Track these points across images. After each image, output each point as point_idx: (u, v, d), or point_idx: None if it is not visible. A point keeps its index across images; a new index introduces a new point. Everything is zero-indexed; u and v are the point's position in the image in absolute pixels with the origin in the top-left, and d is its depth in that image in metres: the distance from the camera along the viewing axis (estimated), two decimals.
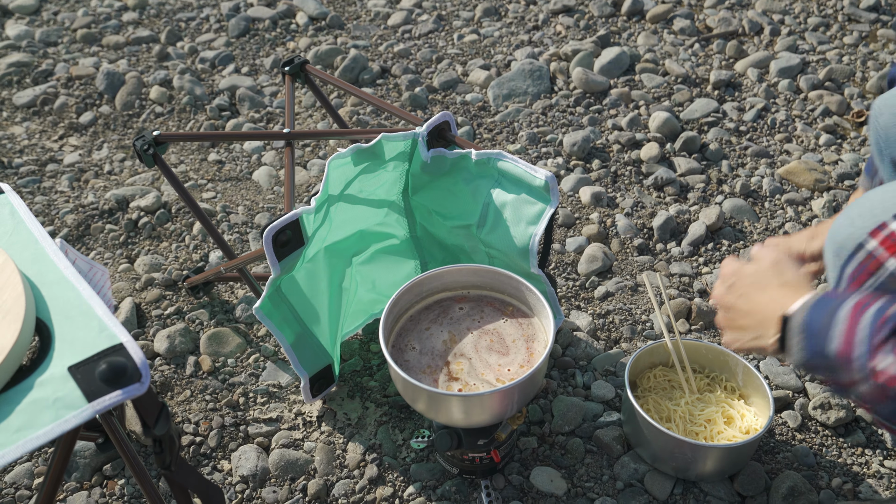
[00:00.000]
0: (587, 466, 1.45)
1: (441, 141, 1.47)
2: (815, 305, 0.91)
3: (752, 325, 1.03)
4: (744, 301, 1.05)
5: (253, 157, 2.30)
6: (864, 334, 0.83)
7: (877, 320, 0.82)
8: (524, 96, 2.46)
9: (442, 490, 1.41)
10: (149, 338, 1.73)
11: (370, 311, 1.69)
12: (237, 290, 1.84)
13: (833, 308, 0.88)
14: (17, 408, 0.79)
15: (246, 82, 2.58)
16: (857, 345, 0.83)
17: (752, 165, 2.19)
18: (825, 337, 0.87)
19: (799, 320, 0.91)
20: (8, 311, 0.86)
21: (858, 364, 0.83)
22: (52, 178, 2.22)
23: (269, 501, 1.42)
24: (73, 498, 1.43)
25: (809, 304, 0.92)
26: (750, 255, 1.14)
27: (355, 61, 2.60)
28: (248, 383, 1.63)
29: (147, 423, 0.90)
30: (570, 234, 1.97)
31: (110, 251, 1.97)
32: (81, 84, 2.57)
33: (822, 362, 0.89)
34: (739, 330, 1.07)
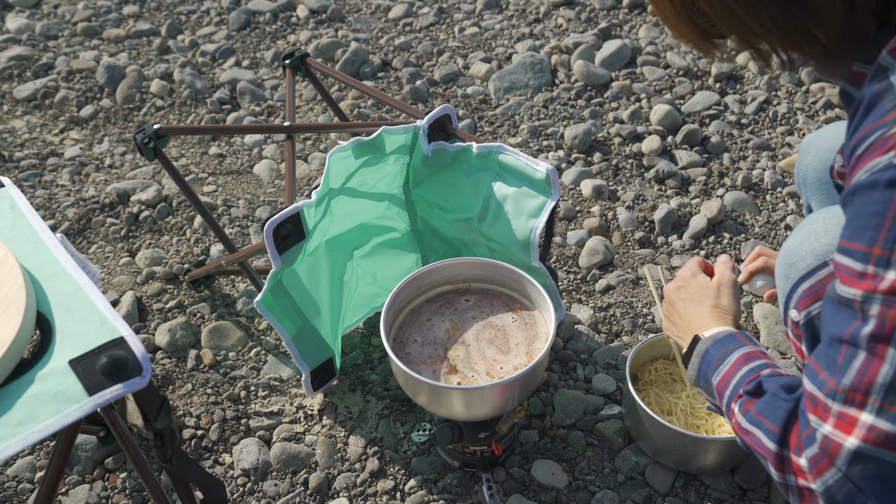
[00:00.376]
0: (588, 459, 1.45)
1: (442, 134, 1.47)
2: (718, 341, 1.06)
3: (680, 327, 1.22)
4: (682, 305, 1.22)
5: (254, 150, 2.29)
6: (734, 383, 0.99)
7: (747, 377, 0.97)
8: (525, 89, 2.46)
9: (443, 483, 1.41)
10: (150, 331, 1.73)
11: (371, 305, 1.69)
12: (238, 284, 1.84)
13: (728, 349, 1.04)
14: (18, 401, 0.79)
15: (247, 75, 2.57)
16: (728, 387, 0.99)
17: (753, 158, 2.18)
18: (713, 371, 1.04)
19: (702, 348, 1.08)
20: (9, 304, 0.86)
21: (725, 401, 1.00)
22: (52, 172, 2.22)
23: (270, 495, 1.42)
24: (74, 491, 1.43)
25: (716, 337, 1.08)
26: (717, 260, 1.28)
27: (356, 54, 2.60)
28: (250, 377, 1.63)
29: (148, 417, 0.90)
30: (572, 227, 1.97)
31: (111, 245, 1.97)
32: (82, 77, 2.57)
33: (705, 387, 1.07)
34: (672, 325, 1.26)
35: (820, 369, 0.80)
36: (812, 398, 0.80)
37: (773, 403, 0.87)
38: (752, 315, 1.73)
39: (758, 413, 0.89)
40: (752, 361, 0.99)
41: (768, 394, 0.89)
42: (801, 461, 0.81)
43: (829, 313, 0.80)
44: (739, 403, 0.95)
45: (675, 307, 1.24)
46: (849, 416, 0.75)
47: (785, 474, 0.84)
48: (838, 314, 0.78)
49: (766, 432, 0.86)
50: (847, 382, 0.75)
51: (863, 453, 0.75)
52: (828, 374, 0.78)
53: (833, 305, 0.80)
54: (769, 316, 1.70)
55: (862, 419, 0.75)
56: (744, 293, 1.78)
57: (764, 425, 0.87)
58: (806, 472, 0.81)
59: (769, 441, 0.85)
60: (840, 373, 0.76)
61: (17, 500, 1.42)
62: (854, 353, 0.75)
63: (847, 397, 0.76)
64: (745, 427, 0.91)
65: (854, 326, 0.75)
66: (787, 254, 1.04)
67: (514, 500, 1.37)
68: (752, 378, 0.95)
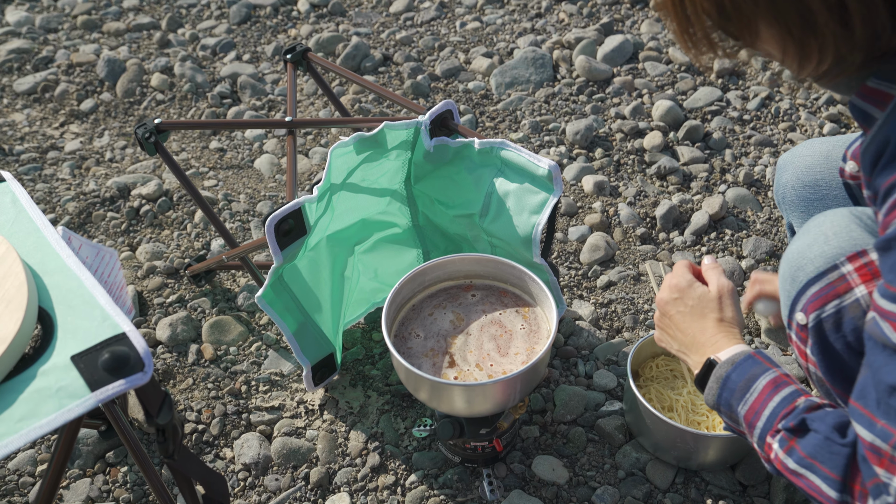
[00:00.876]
0: (589, 455, 1.45)
1: (444, 129, 1.47)
2: (739, 366, 1.02)
3: (682, 342, 1.17)
4: (681, 319, 1.18)
5: (254, 145, 2.29)
6: (767, 414, 0.95)
7: (781, 408, 0.94)
8: (527, 84, 2.45)
9: (444, 478, 1.42)
10: (151, 326, 1.73)
11: (372, 300, 1.69)
12: (239, 279, 1.84)
13: (752, 375, 1.00)
14: (20, 397, 0.79)
15: (247, 70, 2.57)
16: (760, 418, 0.96)
17: (755, 154, 2.18)
18: (739, 399, 1.00)
19: (721, 373, 1.04)
20: (10, 300, 0.86)
21: (758, 433, 0.97)
22: (53, 166, 2.21)
23: (271, 489, 1.42)
24: (76, 485, 1.43)
25: (735, 360, 1.03)
26: (703, 261, 1.24)
27: (357, 49, 2.59)
28: (250, 371, 1.63)
29: (150, 413, 0.90)
30: (573, 223, 1.97)
31: (112, 239, 1.97)
32: (82, 71, 2.56)
33: (728, 413, 1.03)
34: (669, 338, 1.21)
35: (877, 419, 0.78)
36: (875, 450, 0.79)
37: (830, 448, 0.85)
38: (752, 312, 1.72)
39: (810, 456, 0.87)
40: (781, 389, 0.96)
41: (821, 436, 0.87)
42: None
43: (881, 360, 0.78)
44: (780, 440, 0.92)
45: (674, 321, 1.19)
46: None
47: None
48: (893, 362, 0.76)
49: (825, 479, 0.85)
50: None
51: None
52: (890, 425, 0.77)
53: (884, 352, 0.78)
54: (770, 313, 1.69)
55: None
56: (744, 289, 1.78)
57: (821, 471, 0.85)
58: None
59: (829, 489, 0.84)
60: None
61: (18, 494, 1.42)
62: None
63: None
64: (793, 469, 0.89)
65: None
66: (794, 256, 1.03)
67: (514, 496, 1.37)
68: (788, 410, 0.93)
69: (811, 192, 1.33)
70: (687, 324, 1.16)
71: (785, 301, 1.05)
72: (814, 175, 1.33)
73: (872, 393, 0.79)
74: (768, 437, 0.94)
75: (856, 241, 0.98)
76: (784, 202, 1.39)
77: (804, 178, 1.33)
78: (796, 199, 1.35)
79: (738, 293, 1.23)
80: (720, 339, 1.10)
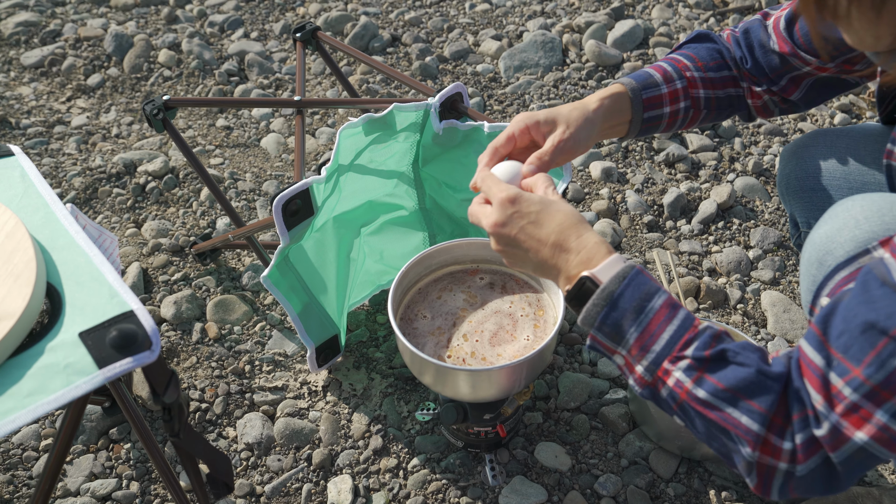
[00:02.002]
0: (592, 443, 1.45)
1: (453, 112, 1.46)
2: (631, 282, 0.89)
3: (538, 259, 0.98)
4: (529, 233, 0.97)
5: (261, 123, 2.28)
6: (667, 338, 0.86)
7: (682, 333, 0.86)
8: (536, 68, 2.44)
9: (446, 463, 1.42)
10: (155, 303, 1.73)
11: (377, 283, 1.68)
12: (244, 258, 1.83)
13: (647, 293, 0.89)
14: (27, 372, 0.79)
15: (255, 47, 2.55)
16: (658, 341, 0.87)
17: (765, 144, 2.16)
18: (632, 320, 0.88)
19: (612, 290, 0.89)
20: (19, 274, 0.85)
21: (652, 357, 0.87)
22: (59, 140, 2.20)
23: (273, 469, 1.43)
24: (79, 461, 1.43)
25: (625, 275, 0.90)
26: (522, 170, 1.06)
27: (365, 28, 2.57)
28: (254, 351, 1.63)
29: (156, 391, 0.90)
30: (580, 209, 1.96)
31: (117, 215, 1.96)
32: (90, 45, 2.55)
33: (610, 333, 0.90)
34: (521, 261, 1.01)
35: (835, 351, 0.76)
36: (824, 380, 0.77)
37: (761, 383, 0.82)
38: (759, 302, 1.72)
39: (732, 389, 0.83)
40: (677, 311, 0.88)
41: (751, 370, 0.83)
42: (784, 444, 0.80)
43: (873, 295, 0.75)
44: (686, 369, 0.85)
45: (519, 239, 0.97)
46: (864, 410, 0.74)
47: (754, 452, 0.82)
48: (889, 302, 0.73)
49: (749, 412, 0.82)
50: (879, 378, 0.73)
51: (866, 448, 0.76)
52: (851, 363, 0.75)
53: (883, 290, 0.74)
54: (777, 304, 1.69)
55: (877, 416, 0.74)
56: (751, 279, 1.78)
57: (745, 405, 0.82)
58: (784, 454, 0.80)
59: (753, 422, 0.81)
60: (871, 366, 0.73)
61: (22, 468, 1.43)
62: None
63: (871, 392, 0.74)
64: (703, 399, 0.84)
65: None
66: (822, 240, 1.01)
67: (516, 482, 1.37)
68: (691, 335, 0.86)
69: (814, 181, 1.33)
70: (539, 235, 0.96)
71: (809, 286, 1.03)
72: (816, 164, 1.32)
73: (839, 324, 0.77)
74: (666, 363, 0.86)
75: (888, 225, 0.96)
76: (787, 192, 1.39)
77: (807, 167, 1.33)
78: (799, 190, 1.35)
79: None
80: (588, 246, 0.93)
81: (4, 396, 0.77)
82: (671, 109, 1.22)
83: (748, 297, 1.73)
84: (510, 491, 1.36)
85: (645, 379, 0.89)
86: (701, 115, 1.26)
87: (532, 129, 1.10)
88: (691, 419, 0.87)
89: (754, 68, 1.23)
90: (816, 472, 0.80)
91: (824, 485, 0.81)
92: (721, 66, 1.25)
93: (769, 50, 1.20)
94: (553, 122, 1.10)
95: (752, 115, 1.31)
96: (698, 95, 1.24)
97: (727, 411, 0.83)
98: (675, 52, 1.29)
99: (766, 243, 1.86)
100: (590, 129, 1.12)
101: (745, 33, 1.24)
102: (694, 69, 1.24)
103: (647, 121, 1.21)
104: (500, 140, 1.10)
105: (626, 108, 1.19)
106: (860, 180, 1.27)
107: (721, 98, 1.26)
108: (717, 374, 0.84)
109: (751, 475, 0.84)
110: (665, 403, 0.89)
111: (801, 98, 1.25)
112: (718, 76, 1.25)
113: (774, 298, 1.70)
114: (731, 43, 1.26)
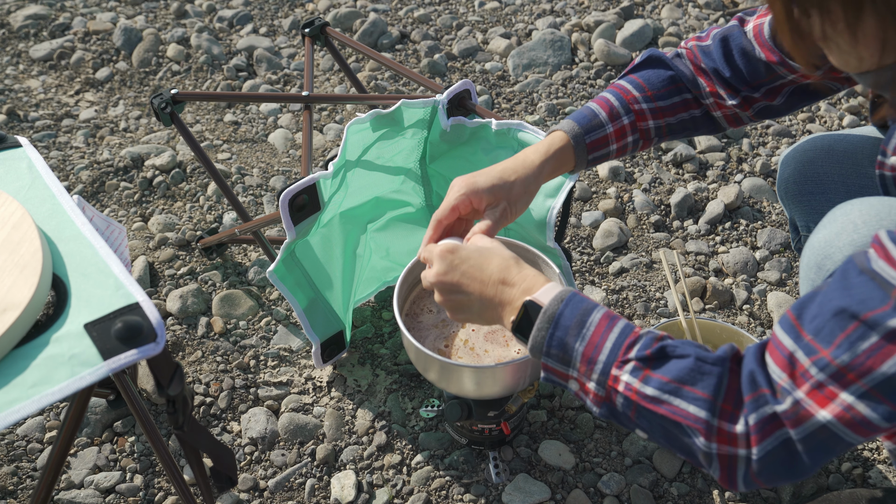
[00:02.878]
0: (596, 442, 1.45)
1: (461, 109, 1.45)
2: (570, 302, 0.93)
3: (482, 301, 1.00)
4: (470, 278, 1.01)
5: (269, 119, 2.28)
6: (610, 346, 0.89)
7: (623, 339, 0.89)
8: (544, 67, 2.43)
9: (450, 459, 1.42)
10: (161, 297, 1.73)
11: (383, 279, 1.68)
12: (250, 253, 1.84)
13: (586, 309, 0.92)
14: (32, 363, 0.79)
15: (264, 43, 2.55)
16: (602, 351, 0.89)
17: (773, 145, 2.16)
18: (575, 336, 0.91)
19: (552, 311, 0.93)
20: (25, 265, 0.86)
21: (600, 367, 0.89)
22: (67, 134, 2.21)
23: (277, 464, 1.43)
24: (83, 453, 1.44)
25: (563, 297, 0.93)
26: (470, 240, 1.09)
27: (374, 25, 2.57)
28: (260, 346, 1.63)
29: (161, 384, 0.90)
30: (587, 208, 1.96)
31: (124, 209, 1.97)
32: (98, 39, 2.55)
33: (559, 354, 0.93)
34: (466, 308, 1.03)
35: (806, 334, 0.77)
36: (791, 359, 0.78)
37: (700, 370, 0.84)
38: (765, 303, 1.71)
39: (675, 380, 0.84)
40: (616, 321, 0.91)
41: (690, 360, 0.84)
42: (736, 427, 0.81)
43: (850, 282, 0.76)
44: (632, 370, 0.87)
45: (461, 285, 1.01)
46: (829, 389, 0.75)
47: (709, 443, 0.82)
48: (864, 289, 0.74)
49: (694, 400, 0.83)
50: (846, 360, 0.74)
51: (829, 428, 0.76)
52: (820, 344, 0.76)
53: (860, 277, 0.75)
54: (783, 305, 1.68)
55: (841, 397, 0.75)
56: (758, 280, 1.77)
57: (689, 393, 0.83)
58: (740, 439, 0.80)
59: (699, 409, 0.82)
60: (839, 347, 0.74)
61: (26, 460, 1.43)
62: (865, 335, 0.73)
63: (838, 372, 0.74)
64: (652, 395, 0.85)
65: (881, 311, 0.72)
66: (821, 245, 1.02)
67: (520, 479, 1.37)
68: (632, 339, 0.88)
69: (813, 185, 1.33)
70: (482, 276, 1.00)
71: (808, 290, 1.03)
72: (815, 169, 1.33)
73: (813, 308, 0.78)
74: (613, 370, 0.88)
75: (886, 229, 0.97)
76: (786, 196, 1.39)
77: (806, 172, 1.33)
78: (798, 193, 1.35)
79: None
80: (526, 278, 0.98)
81: (9, 387, 0.77)
82: (618, 146, 1.21)
83: (754, 298, 1.73)
84: (513, 488, 1.36)
85: (599, 395, 0.90)
86: (652, 143, 1.26)
87: (474, 201, 1.11)
88: (648, 421, 0.88)
89: (734, 77, 1.19)
90: (775, 455, 0.80)
91: (787, 469, 0.81)
92: (672, 91, 1.22)
93: (753, 58, 1.17)
94: (496, 197, 1.11)
95: (721, 127, 1.28)
96: (647, 127, 1.22)
97: (674, 403, 0.84)
98: (624, 77, 1.26)
99: (772, 244, 1.85)
100: (530, 196, 1.15)
101: (723, 40, 1.20)
102: (643, 100, 1.21)
103: (594, 160, 1.21)
104: (443, 212, 1.11)
105: (569, 157, 1.19)
106: (859, 184, 1.27)
107: (673, 124, 1.24)
108: (661, 370, 0.86)
109: (712, 466, 0.84)
110: (624, 416, 0.90)
111: (783, 104, 1.22)
112: (669, 104, 1.22)
113: (781, 299, 1.70)
114: (693, 58, 1.23)
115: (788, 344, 0.79)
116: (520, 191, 1.12)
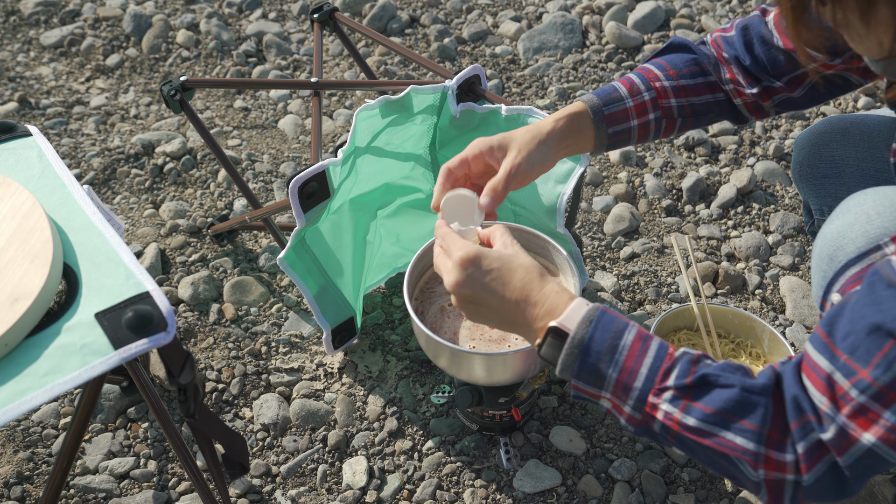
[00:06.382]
0: (607, 427, 1.45)
1: (471, 95, 1.45)
2: (598, 324, 0.89)
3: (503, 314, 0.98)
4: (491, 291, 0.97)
5: (279, 105, 2.28)
6: (646, 372, 0.86)
7: (659, 364, 0.86)
8: (555, 50, 2.41)
9: (461, 445, 1.42)
10: (173, 284, 1.74)
11: (393, 265, 1.68)
12: (261, 239, 1.84)
13: (617, 331, 0.88)
14: (44, 352, 0.79)
15: (273, 28, 2.55)
16: (638, 377, 0.86)
17: (786, 128, 2.14)
18: (608, 362, 0.88)
19: (581, 337, 0.89)
20: (36, 255, 0.86)
21: (636, 394, 0.87)
22: (78, 121, 2.21)
23: (289, 450, 1.44)
24: (97, 439, 1.45)
25: (590, 318, 0.90)
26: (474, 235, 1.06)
27: (384, 9, 2.56)
28: (271, 333, 1.64)
29: (172, 372, 0.90)
30: (598, 192, 1.95)
31: (136, 196, 1.97)
32: (108, 25, 2.55)
33: (591, 380, 0.90)
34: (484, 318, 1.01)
35: (841, 354, 0.76)
36: (829, 382, 0.77)
37: (748, 401, 0.82)
38: (778, 288, 1.70)
39: (720, 412, 0.82)
40: (649, 342, 0.88)
41: (735, 390, 0.82)
42: (786, 456, 0.79)
43: (879, 296, 0.74)
44: (671, 399, 0.85)
45: (481, 297, 0.97)
46: (871, 411, 0.74)
47: (756, 471, 0.81)
48: (894, 303, 0.72)
49: (742, 432, 0.81)
50: (887, 380, 0.72)
51: (874, 451, 0.75)
52: (858, 364, 0.74)
53: (889, 291, 0.73)
54: (796, 290, 1.67)
55: (885, 418, 0.73)
56: (770, 265, 1.76)
57: (737, 425, 0.81)
58: (789, 466, 0.79)
59: (747, 441, 0.81)
60: (878, 367, 0.72)
61: (42, 445, 1.45)
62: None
63: (879, 393, 0.73)
64: (696, 427, 0.83)
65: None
66: (833, 236, 1.00)
67: (531, 465, 1.38)
68: (668, 365, 0.86)
69: (828, 168, 1.31)
70: (503, 293, 0.96)
71: (820, 281, 1.02)
72: (831, 152, 1.31)
73: (845, 326, 0.76)
74: (651, 397, 0.85)
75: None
76: (801, 179, 1.38)
77: (821, 155, 1.32)
78: (812, 177, 1.34)
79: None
80: (550, 297, 0.94)
81: (22, 376, 0.77)
82: (639, 122, 1.19)
83: (767, 283, 1.72)
84: (524, 474, 1.36)
85: (635, 418, 0.88)
86: (677, 124, 1.23)
87: (486, 154, 1.10)
88: (690, 449, 0.86)
89: (754, 65, 1.17)
90: (824, 480, 0.79)
91: (835, 491, 0.80)
92: (696, 73, 1.21)
93: (773, 46, 1.16)
94: (505, 148, 1.10)
95: (744, 117, 1.25)
96: (669, 105, 1.20)
97: (721, 435, 0.82)
98: (648, 62, 1.25)
99: (785, 228, 1.84)
100: (544, 151, 1.11)
101: (744, 29, 1.19)
102: (665, 78, 1.19)
103: (614, 135, 1.19)
104: (453, 162, 1.10)
105: (586, 126, 1.16)
106: (874, 168, 1.25)
107: (697, 105, 1.22)
108: (703, 400, 0.84)
109: (760, 493, 0.83)
110: (661, 437, 0.88)
111: (802, 96, 1.20)
112: (693, 83, 1.21)
113: (793, 284, 1.69)
114: (716, 47, 1.21)
115: (825, 365, 0.78)
116: (530, 140, 1.10)
